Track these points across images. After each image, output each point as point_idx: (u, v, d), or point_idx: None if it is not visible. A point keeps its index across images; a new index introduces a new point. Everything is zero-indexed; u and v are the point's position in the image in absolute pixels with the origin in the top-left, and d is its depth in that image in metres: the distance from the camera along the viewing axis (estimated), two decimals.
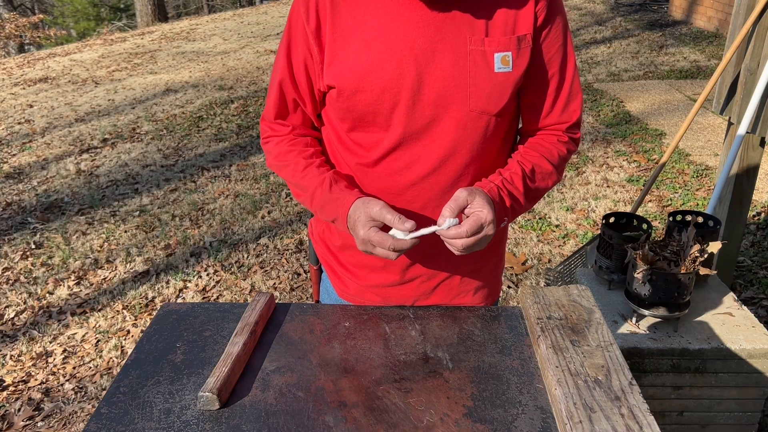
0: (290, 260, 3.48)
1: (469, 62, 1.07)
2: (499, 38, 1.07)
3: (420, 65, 1.07)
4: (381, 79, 1.08)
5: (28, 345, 2.92)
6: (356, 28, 1.08)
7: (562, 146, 1.21)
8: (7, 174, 5.03)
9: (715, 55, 6.96)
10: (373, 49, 1.07)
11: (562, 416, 0.93)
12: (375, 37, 1.07)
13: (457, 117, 1.11)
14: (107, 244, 3.78)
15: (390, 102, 1.09)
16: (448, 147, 1.14)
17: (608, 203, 3.84)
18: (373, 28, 1.07)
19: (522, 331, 1.18)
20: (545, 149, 1.20)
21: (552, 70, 1.15)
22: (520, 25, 1.08)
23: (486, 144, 1.15)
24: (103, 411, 0.99)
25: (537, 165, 1.18)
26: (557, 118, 1.19)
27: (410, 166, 1.15)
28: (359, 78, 1.08)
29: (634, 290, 1.90)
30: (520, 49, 1.09)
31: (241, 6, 19.41)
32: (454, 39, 1.06)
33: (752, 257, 3.23)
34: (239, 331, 1.11)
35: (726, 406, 1.94)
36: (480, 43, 1.07)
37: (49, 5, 21.87)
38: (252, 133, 5.65)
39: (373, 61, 1.07)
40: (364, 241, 1.07)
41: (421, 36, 1.06)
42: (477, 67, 1.08)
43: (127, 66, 8.81)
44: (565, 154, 1.21)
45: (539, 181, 1.18)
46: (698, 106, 2.41)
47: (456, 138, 1.13)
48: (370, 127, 1.14)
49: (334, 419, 0.96)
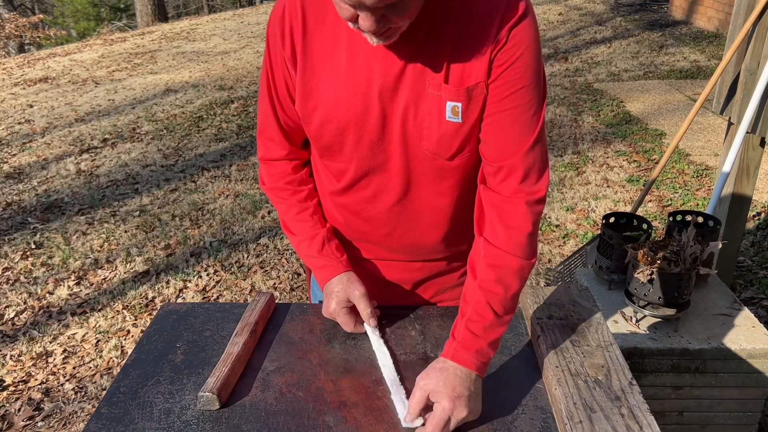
0: (290, 260, 3.48)
1: (425, 105, 1.04)
2: (453, 86, 1.03)
3: (383, 102, 1.05)
4: (347, 113, 1.07)
5: (28, 345, 2.92)
6: (325, 58, 1.06)
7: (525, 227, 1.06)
8: (8, 174, 5.03)
9: (715, 55, 6.95)
10: (340, 82, 1.06)
11: (562, 416, 0.93)
12: (343, 70, 1.05)
13: (413, 154, 1.10)
14: (107, 244, 3.78)
15: (354, 135, 1.09)
16: (409, 180, 1.13)
17: (608, 203, 3.84)
18: (341, 60, 1.05)
19: (522, 331, 1.18)
20: (504, 259, 1.05)
21: (506, 121, 1.04)
22: (474, 73, 1.02)
23: (447, 180, 1.13)
24: (103, 411, 0.99)
25: (498, 283, 1.03)
26: (515, 187, 1.06)
27: (377, 195, 1.16)
28: (326, 110, 1.08)
29: (634, 290, 1.90)
30: (471, 99, 1.03)
31: (241, 6, 19.41)
32: (415, 80, 1.03)
33: (752, 257, 3.23)
34: (239, 331, 1.11)
35: (726, 406, 1.94)
36: (438, 87, 1.03)
37: (49, 5, 21.87)
38: (252, 133, 5.65)
39: (340, 94, 1.06)
40: (331, 313, 1.17)
41: (387, 74, 1.03)
42: (431, 111, 1.05)
43: (127, 66, 8.81)
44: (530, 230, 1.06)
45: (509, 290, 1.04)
46: (698, 106, 2.41)
47: (416, 172, 1.12)
48: (337, 156, 1.14)
49: (334, 419, 0.96)
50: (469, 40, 1.01)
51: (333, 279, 1.16)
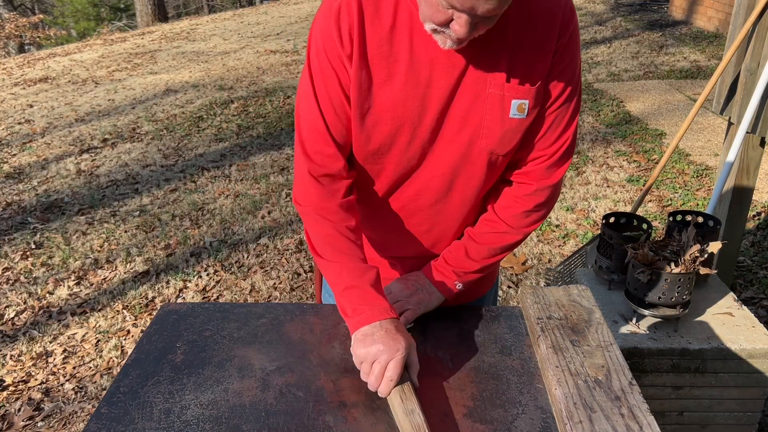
0: (290, 260, 3.48)
1: (486, 105, 1.08)
2: (518, 85, 1.07)
3: (441, 103, 1.08)
4: (404, 114, 1.08)
5: (28, 345, 2.92)
6: (383, 59, 1.06)
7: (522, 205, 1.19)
8: (8, 174, 5.03)
9: (715, 55, 6.95)
10: (399, 82, 1.06)
11: (562, 416, 0.93)
12: (402, 71, 1.06)
13: (466, 153, 1.13)
14: (107, 244, 3.78)
15: (407, 136, 1.11)
16: (455, 179, 1.16)
17: (608, 203, 3.84)
18: (401, 61, 1.06)
19: (522, 331, 1.18)
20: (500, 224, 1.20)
21: (550, 117, 1.13)
22: (538, 71, 1.08)
23: (489, 177, 1.18)
24: (103, 411, 0.99)
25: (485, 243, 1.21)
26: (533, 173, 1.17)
27: (420, 193, 1.18)
28: (383, 110, 1.08)
29: (634, 290, 1.90)
30: (537, 96, 1.09)
31: (241, 6, 19.41)
32: (475, 81, 1.06)
33: (752, 257, 3.23)
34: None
35: (726, 406, 1.94)
36: (500, 87, 1.07)
37: (49, 5, 21.86)
38: (252, 133, 5.65)
39: (398, 95, 1.07)
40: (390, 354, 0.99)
41: (448, 75, 1.06)
42: (493, 110, 1.08)
43: (127, 66, 8.81)
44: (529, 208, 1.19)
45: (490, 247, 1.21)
46: (698, 106, 2.41)
47: (463, 171, 1.15)
48: (381, 158, 1.14)
49: (334, 419, 0.96)
50: (531, 39, 1.05)
51: (385, 321, 1.02)
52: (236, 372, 1.06)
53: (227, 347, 1.12)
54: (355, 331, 1.04)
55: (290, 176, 4.63)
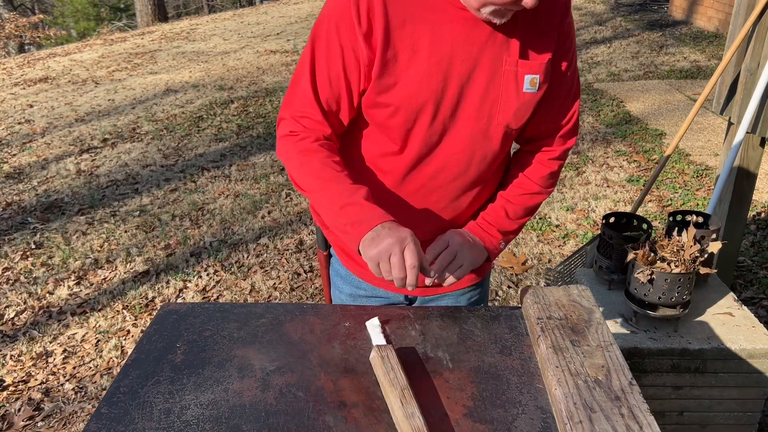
0: (290, 260, 3.48)
1: (502, 81, 1.15)
2: (531, 61, 1.16)
3: (462, 80, 1.14)
4: (427, 91, 1.13)
5: (28, 345, 2.92)
6: (406, 37, 1.11)
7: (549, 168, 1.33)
8: (8, 174, 5.03)
9: (715, 55, 6.95)
10: (422, 60, 1.12)
11: (562, 416, 0.93)
12: (425, 49, 1.11)
13: (485, 128, 1.20)
14: (107, 244, 3.78)
15: (430, 113, 1.16)
16: (474, 154, 1.22)
17: (608, 203, 3.84)
18: (424, 40, 1.11)
19: (522, 331, 1.18)
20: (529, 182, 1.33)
21: (562, 91, 1.24)
22: (546, 47, 1.17)
23: (502, 151, 1.26)
24: (103, 411, 0.99)
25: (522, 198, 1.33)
26: (555, 140, 1.30)
27: (440, 170, 1.23)
28: (407, 87, 1.13)
29: (634, 290, 1.90)
30: (546, 71, 1.17)
31: (241, 6, 19.41)
32: (492, 59, 1.14)
33: (752, 257, 3.23)
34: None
35: (726, 406, 1.94)
36: (514, 64, 1.14)
37: (49, 5, 21.86)
38: (252, 133, 5.65)
39: (421, 72, 1.12)
40: (404, 240, 1.04)
41: (468, 53, 1.12)
42: (508, 86, 1.16)
43: (127, 66, 8.81)
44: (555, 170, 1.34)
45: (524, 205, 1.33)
46: (698, 106, 2.41)
47: (482, 147, 1.22)
48: (403, 136, 1.19)
49: (334, 419, 0.96)
50: (537, 20, 1.15)
51: (386, 222, 1.07)
52: (236, 372, 1.06)
53: (227, 347, 1.12)
54: (359, 240, 1.07)
55: None
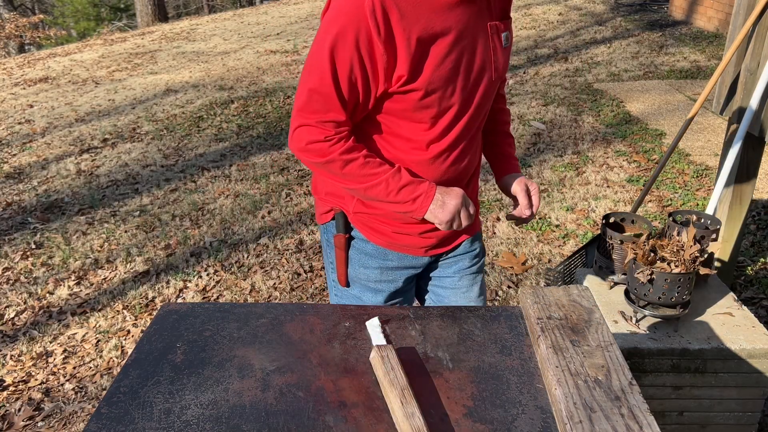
0: (290, 260, 3.48)
1: (492, 41, 1.36)
2: (504, 21, 1.39)
3: (471, 52, 1.32)
4: (448, 72, 1.29)
5: (28, 345, 2.92)
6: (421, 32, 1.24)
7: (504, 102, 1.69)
8: (8, 174, 5.03)
9: (715, 55, 6.95)
10: (440, 48, 1.27)
11: (562, 416, 0.93)
12: (439, 37, 1.26)
13: (494, 85, 1.41)
14: (107, 244, 3.78)
15: (452, 89, 1.33)
16: (485, 108, 1.44)
17: (608, 203, 3.84)
18: (435, 28, 1.25)
19: (522, 331, 1.18)
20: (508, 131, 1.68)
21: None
22: (506, 8, 1.41)
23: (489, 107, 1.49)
24: (104, 411, 0.99)
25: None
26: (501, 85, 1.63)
27: (465, 131, 1.41)
28: (430, 75, 1.28)
29: (634, 290, 1.90)
30: (509, 28, 1.42)
31: (242, 6, 19.41)
32: (482, 24, 1.33)
33: (752, 257, 3.23)
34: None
35: (726, 406, 1.94)
36: (495, 26, 1.36)
37: (49, 5, 21.87)
38: (252, 133, 5.65)
39: (441, 54, 1.27)
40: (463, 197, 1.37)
41: (469, 26, 1.30)
42: (496, 45, 1.37)
43: (128, 66, 8.81)
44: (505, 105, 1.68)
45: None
46: (698, 106, 2.41)
47: (489, 101, 1.44)
48: (433, 109, 1.34)
49: (334, 419, 0.96)
50: None
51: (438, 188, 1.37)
52: (236, 372, 1.06)
53: (227, 347, 1.13)
54: (425, 211, 1.36)
55: (290, 176, 4.63)
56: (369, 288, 1.58)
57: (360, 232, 1.53)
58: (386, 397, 0.99)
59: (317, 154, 1.32)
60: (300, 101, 1.30)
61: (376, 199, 1.37)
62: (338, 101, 1.28)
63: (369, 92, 1.30)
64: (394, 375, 1.00)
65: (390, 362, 1.03)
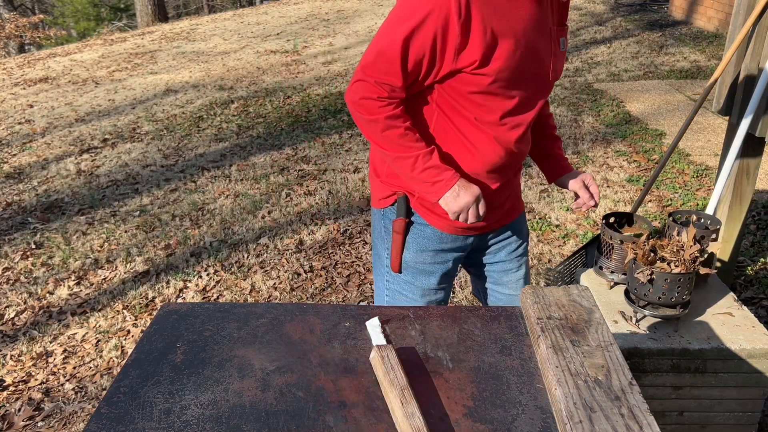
0: (290, 260, 3.48)
1: (552, 43, 1.47)
2: (562, 27, 1.51)
3: (536, 50, 1.43)
4: (516, 64, 1.40)
5: (28, 345, 2.92)
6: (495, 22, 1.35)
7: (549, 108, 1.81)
8: (8, 174, 5.03)
9: (715, 55, 6.95)
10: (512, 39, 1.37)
11: (562, 416, 0.93)
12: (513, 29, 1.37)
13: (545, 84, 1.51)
14: (107, 244, 3.78)
15: (517, 80, 1.43)
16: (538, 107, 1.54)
17: (608, 203, 3.84)
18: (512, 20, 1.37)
19: (522, 331, 1.18)
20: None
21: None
22: (565, 18, 1.53)
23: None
24: (104, 411, 0.99)
25: None
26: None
27: (520, 124, 1.52)
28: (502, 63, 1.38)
29: (634, 290, 1.90)
30: (567, 35, 1.54)
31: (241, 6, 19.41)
32: (546, 26, 1.44)
33: (752, 257, 3.23)
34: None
35: (726, 406, 1.94)
36: (555, 30, 1.48)
37: (49, 5, 21.87)
38: (252, 133, 5.65)
39: (511, 47, 1.37)
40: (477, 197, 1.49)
41: (536, 25, 1.41)
42: (555, 47, 1.48)
43: (128, 66, 8.81)
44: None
45: None
46: (698, 107, 2.41)
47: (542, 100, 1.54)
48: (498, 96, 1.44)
49: (334, 419, 0.96)
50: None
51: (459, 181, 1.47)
52: (236, 372, 1.06)
53: (227, 347, 1.13)
54: (440, 197, 1.47)
55: (290, 176, 4.63)
56: (423, 271, 1.67)
57: (421, 216, 1.62)
58: (386, 397, 0.99)
59: (366, 110, 1.43)
60: (367, 59, 1.40)
61: (401, 171, 1.49)
62: (401, 69, 1.37)
63: (431, 70, 1.40)
64: (394, 375, 1.00)
65: (390, 362, 1.03)
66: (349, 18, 11.06)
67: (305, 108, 6.28)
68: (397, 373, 1.01)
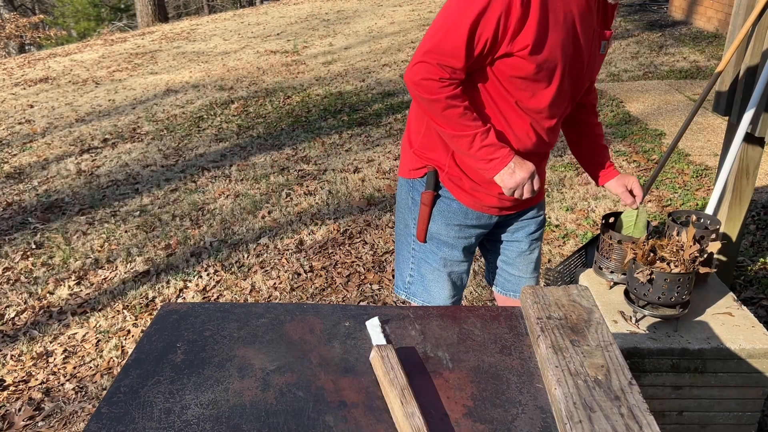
0: (290, 260, 3.48)
1: (593, 44, 1.53)
2: (605, 30, 1.56)
3: (580, 46, 1.49)
4: (562, 54, 1.47)
5: (28, 345, 2.92)
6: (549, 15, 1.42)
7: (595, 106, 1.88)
8: (8, 174, 5.03)
9: (715, 55, 6.95)
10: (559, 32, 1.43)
11: (562, 416, 0.93)
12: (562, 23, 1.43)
13: (583, 81, 1.58)
14: (108, 244, 3.78)
15: (562, 71, 1.49)
16: (575, 101, 1.63)
17: (608, 203, 3.84)
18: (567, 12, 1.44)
19: (522, 331, 1.18)
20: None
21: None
22: (609, 21, 1.57)
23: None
24: (104, 411, 0.99)
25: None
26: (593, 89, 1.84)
27: (553, 113, 1.59)
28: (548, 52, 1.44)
29: (634, 290, 1.90)
30: (611, 40, 1.57)
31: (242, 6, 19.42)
32: (591, 26, 1.50)
33: (752, 257, 3.23)
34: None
35: (726, 406, 1.94)
36: (599, 32, 1.54)
37: (49, 5, 21.88)
38: (252, 133, 5.65)
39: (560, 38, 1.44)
40: (532, 173, 1.55)
41: (584, 22, 1.47)
42: (596, 48, 1.55)
43: (128, 66, 8.81)
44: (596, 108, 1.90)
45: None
46: (697, 107, 2.41)
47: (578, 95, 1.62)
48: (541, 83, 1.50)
49: (334, 419, 0.96)
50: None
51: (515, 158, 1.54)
52: (236, 372, 1.06)
53: (227, 347, 1.13)
54: (496, 173, 1.54)
55: (290, 176, 4.63)
56: (447, 243, 1.74)
57: (449, 191, 1.69)
58: (386, 397, 0.99)
59: (427, 90, 1.47)
60: (431, 42, 1.44)
61: (459, 148, 1.55)
62: (464, 51, 1.42)
63: (492, 52, 1.45)
64: (394, 375, 1.00)
65: (390, 362, 1.03)
66: (349, 18, 11.07)
67: (305, 108, 6.28)
68: (397, 373, 1.01)
